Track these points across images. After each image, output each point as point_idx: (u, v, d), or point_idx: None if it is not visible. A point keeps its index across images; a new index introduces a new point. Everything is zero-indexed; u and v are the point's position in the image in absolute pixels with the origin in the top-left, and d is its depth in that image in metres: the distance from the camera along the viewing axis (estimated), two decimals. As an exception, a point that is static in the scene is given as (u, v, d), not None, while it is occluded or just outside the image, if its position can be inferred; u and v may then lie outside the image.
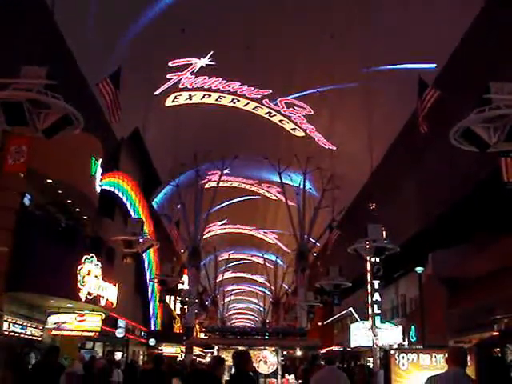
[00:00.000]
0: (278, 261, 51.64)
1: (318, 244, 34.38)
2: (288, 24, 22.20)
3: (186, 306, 31.32)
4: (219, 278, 54.29)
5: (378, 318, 27.78)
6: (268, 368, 14.88)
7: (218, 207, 37.50)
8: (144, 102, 24.09)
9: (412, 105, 13.15)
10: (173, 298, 42.73)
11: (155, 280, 26.00)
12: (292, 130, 30.77)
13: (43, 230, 19.31)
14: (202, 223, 30.80)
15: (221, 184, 33.30)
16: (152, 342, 35.22)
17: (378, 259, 25.74)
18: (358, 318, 35.85)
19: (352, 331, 35.21)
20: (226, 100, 28.19)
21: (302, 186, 31.59)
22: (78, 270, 19.80)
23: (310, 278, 31.28)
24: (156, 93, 25.96)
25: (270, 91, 27.74)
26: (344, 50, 22.83)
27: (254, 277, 66.04)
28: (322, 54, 23.70)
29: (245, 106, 28.74)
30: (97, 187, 22.60)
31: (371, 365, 25.06)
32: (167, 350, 37.19)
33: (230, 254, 55.22)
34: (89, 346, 24.94)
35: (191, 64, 24.88)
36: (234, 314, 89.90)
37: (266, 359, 14.95)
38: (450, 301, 23.93)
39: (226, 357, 14.88)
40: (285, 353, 22.46)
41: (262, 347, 15.31)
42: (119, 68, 11.05)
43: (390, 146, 27.66)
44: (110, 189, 26.42)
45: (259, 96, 28.04)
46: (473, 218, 21.87)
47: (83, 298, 20.06)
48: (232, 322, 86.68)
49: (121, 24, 21.36)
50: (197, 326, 40.77)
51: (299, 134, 30.89)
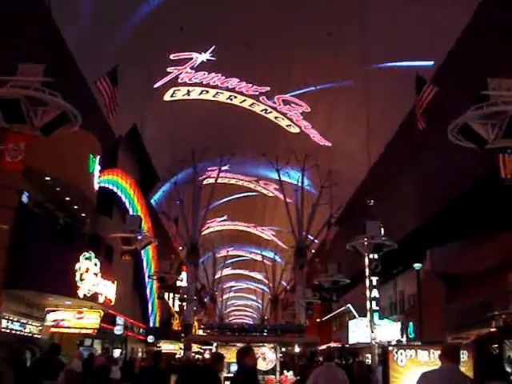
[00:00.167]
0: (277, 258, 51.64)
1: (317, 241, 34.40)
2: (287, 21, 22.17)
3: (184, 303, 31.34)
4: (218, 275, 54.28)
5: (376, 315, 27.89)
6: (267, 365, 14.89)
7: (216, 204, 37.46)
8: (142, 99, 24.05)
9: (410, 101, 13.14)
10: (171, 295, 42.74)
11: (154, 277, 26.08)
12: (287, 126, 30.76)
13: (41, 227, 19.33)
14: (201, 220, 30.79)
15: (219, 181, 33.27)
16: (151, 339, 35.29)
17: (376, 256, 25.82)
18: (356, 314, 35.93)
19: (350, 328, 35.30)
20: (223, 96, 28.16)
21: (300, 183, 31.57)
22: (77, 268, 19.82)
23: (309, 274, 31.27)
24: (155, 85, 25.87)
25: (268, 88, 27.71)
26: (342, 47, 22.82)
27: (253, 274, 66.03)
28: (320, 52, 23.69)
29: (241, 102, 28.70)
30: (95, 184, 22.59)
31: (369, 361, 25.18)
32: (166, 347, 37.27)
33: (228, 251, 55.23)
34: (87, 343, 24.97)
35: (192, 58, 24.82)
36: (233, 310, 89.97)
37: (264, 356, 14.95)
38: (447, 297, 23.99)
39: (224, 353, 14.92)
40: (283, 349, 22.50)
41: (261, 344, 15.31)
42: (117, 65, 11.05)
43: (388, 143, 27.63)
44: (108, 186, 26.44)
45: (257, 93, 28.00)
46: (470, 214, 21.88)
47: (82, 296, 20.09)
48: (230, 318, 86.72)
49: (119, 20, 21.30)
50: (195, 323, 40.80)
51: (294, 130, 30.89)
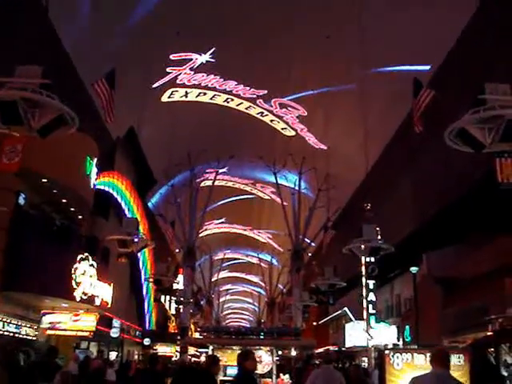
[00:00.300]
0: (273, 261, 51.62)
1: (313, 244, 34.40)
2: (287, 25, 22.22)
3: (180, 306, 31.29)
4: (214, 278, 54.23)
5: (372, 318, 27.89)
6: (263, 368, 14.85)
7: (213, 206, 37.42)
8: (139, 101, 24.04)
9: (407, 105, 13.17)
10: (168, 297, 42.66)
11: (150, 280, 25.99)
12: (283, 129, 30.80)
13: (38, 229, 19.26)
14: (198, 223, 30.77)
15: (216, 183, 33.27)
16: (147, 341, 35.20)
17: (372, 259, 25.88)
18: (352, 317, 35.89)
19: (347, 331, 35.24)
20: (220, 99, 28.17)
21: (297, 186, 31.58)
22: (73, 270, 19.76)
23: (305, 277, 31.26)
24: (154, 85, 25.83)
25: (266, 91, 27.74)
26: (340, 51, 22.85)
27: (249, 277, 66.02)
28: (318, 56, 23.73)
29: (238, 105, 28.73)
30: (92, 187, 22.56)
31: (366, 364, 25.14)
32: (162, 349, 37.18)
33: (225, 254, 55.20)
34: (84, 345, 24.89)
35: (192, 59, 24.81)
36: (229, 313, 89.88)
37: (260, 359, 14.90)
38: (444, 301, 23.97)
39: (220, 356, 14.90)
40: (280, 352, 22.45)
41: (257, 347, 15.28)
42: (114, 68, 11.04)
43: (385, 146, 27.69)
44: (105, 188, 26.38)
45: (254, 96, 28.02)
46: (467, 218, 21.89)
47: (78, 298, 20.03)
48: (227, 321, 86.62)
49: (116, 22, 21.31)
50: (192, 326, 40.73)
51: (290, 133, 30.92)
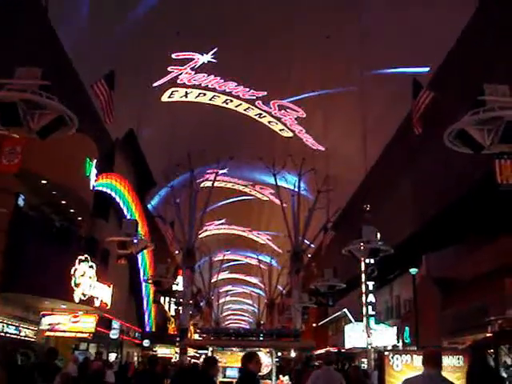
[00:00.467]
0: (273, 262, 51.58)
1: (313, 245, 34.36)
2: (287, 25, 22.21)
3: (180, 307, 31.26)
4: (214, 279, 54.19)
5: (372, 320, 27.87)
6: (262, 369, 14.83)
7: (212, 207, 37.35)
8: (139, 103, 24.03)
9: (407, 106, 13.17)
10: (167, 299, 42.65)
11: (150, 281, 25.97)
12: (280, 130, 30.79)
13: (37, 230, 19.27)
14: (197, 224, 30.72)
15: (215, 184, 33.22)
16: (146, 343, 35.18)
17: (372, 260, 25.81)
18: (352, 319, 35.87)
19: (346, 332, 35.22)
20: (219, 100, 28.15)
21: (296, 187, 31.55)
22: (72, 271, 19.77)
23: (305, 279, 31.22)
24: (155, 84, 25.79)
25: (265, 93, 27.73)
26: (339, 52, 22.86)
27: (249, 278, 65.97)
28: (318, 57, 23.72)
29: (237, 106, 28.71)
30: (91, 188, 22.56)
31: (365, 366, 25.11)
32: (161, 351, 37.17)
33: (224, 255, 55.15)
34: (83, 347, 24.88)
35: (194, 59, 24.77)
36: (229, 315, 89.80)
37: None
38: (443, 302, 23.96)
39: (219, 358, 14.88)
40: (279, 354, 22.43)
41: (257, 348, 15.26)
42: (114, 69, 11.03)
43: (385, 147, 27.69)
44: (105, 190, 26.38)
45: (254, 97, 28.01)
46: (467, 219, 21.90)
47: (77, 299, 20.03)
48: (226, 323, 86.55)
49: (116, 23, 21.29)
50: (191, 328, 40.71)
51: (287, 134, 30.92)
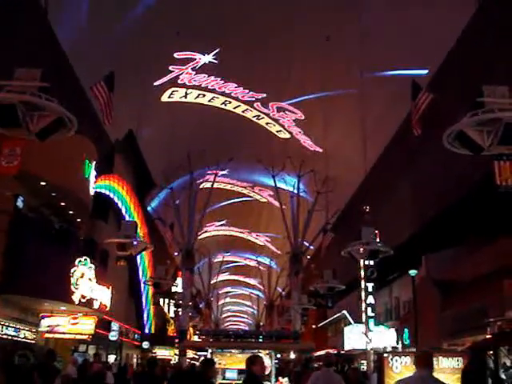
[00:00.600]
0: (272, 264, 51.55)
1: (312, 247, 34.34)
2: (287, 25, 22.21)
3: (179, 309, 31.22)
4: (213, 281, 54.15)
5: (371, 321, 27.86)
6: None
7: (211, 209, 37.32)
8: (138, 104, 24.02)
9: (406, 107, 13.17)
10: (167, 300, 42.65)
11: (149, 283, 25.94)
12: (278, 132, 30.80)
13: (36, 232, 19.25)
14: (196, 225, 30.69)
15: (215, 185, 33.19)
16: (145, 344, 35.14)
17: (371, 262, 25.85)
18: (351, 320, 35.85)
19: (346, 334, 35.19)
20: (218, 101, 28.13)
21: (295, 188, 31.52)
22: (72, 273, 19.75)
23: (304, 280, 31.20)
24: (155, 83, 25.75)
25: (265, 95, 27.72)
26: (339, 54, 22.86)
27: (248, 280, 65.94)
28: (318, 57, 23.71)
29: (235, 108, 28.69)
30: (90, 190, 22.55)
31: (365, 368, 25.11)
32: (161, 352, 37.14)
33: (223, 257, 55.11)
34: (82, 348, 24.85)
35: (195, 59, 24.72)
36: (228, 316, 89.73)
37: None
38: (443, 303, 23.95)
39: (219, 360, 14.86)
40: (279, 356, 22.41)
41: (256, 350, 15.25)
42: (113, 71, 11.03)
43: (384, 149, 27.69)
44: (104, 191, 26.36)
45: (253, 99, 27.99)
46: (467, 221, 21.90)
47: (76, 301, 20.00)
48: (226, 324, 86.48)
49: (115, 24, 21.27)
50: (191, 329, 40.70)
51: (284, 135, 30.92)
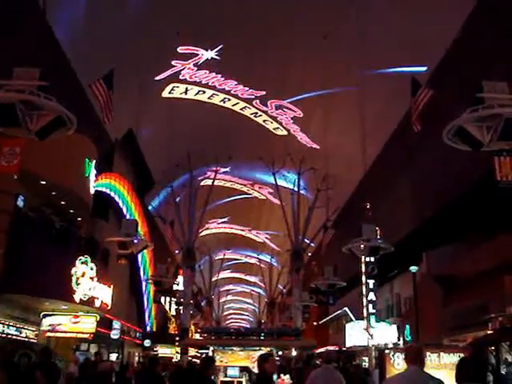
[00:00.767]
0: (273, 261, 51.60)
1: (313, 244, 34.37)
2: (287, 25, 22.17)
3: (181, 307, 31.26)
4: (214, 279, 54.19)
5: (373, 318, 27.90)
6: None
7: (212, 206, 37.34)
8: (138, 103, 23.99)
9: (405, 104, 13.15)
10: (168, 298, 42.67)
11: (150, 281, 25.98)
12: (275, 129, 30.79)
13: (37, 231, 19.27)
14: (197, 223, 30.71)
15: (215, 183, 33.21)
16: (147, 343, 35.20)
17: (372, 259, 25.88)
18: (353, 317, 35.90)
19: (347, 331, 35.25)
20: (217, 99, 28.06)
21: (295, 186, 31.54)
22: (73, 272, 19.77)
23: (305, 277, 31.21)
24: (157, 78, 25.68)
25: (264, 92, 27.69)
26: (337, 51, 22.82)
27: (249, 277, 65.96)
28: (317, 55, 23.67)
29: (234, 105, 28.65)
30: (91, 188, 22.55)
31: (366, 364, 25.15)
32: (162, 351, 37.20)
33: (224, 254, 55.14)
34: (84, 347, 24.88)
35: (198, 54, 24.66)
36: (229, 314, 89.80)
37: (261, 359, 14.88)
38: (444, 300, 23.98)
39: (220, 357, 14.89)
40: (280, 353, 22.44)
41: (257, 348, 15.29)
42: (112, 69, 11.02)
43: (383, 146, 27.66)
44: (104, 190, 26.37)
45: (252, 97, 27.96)
46: (467, 217, 21.91)
47: (78, 300, 20.03)
48: (227, 322, 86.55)
49: (115, 22, 21.18)
50: (192, 327, 40.73)
51: (281, 132, 30.92)
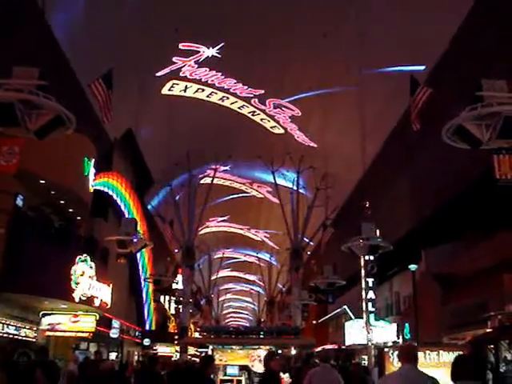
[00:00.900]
0: (272, 260, 51.61)
1: (312, 243, 34.40)
2: (287, 25, 22.15)
3: (180, 306, 31.27)
4: (213, 277, 54.20)
5: (372, 316, 27.95)
6: (263, 367, 14.85)
7: (211, 205, 37.33)
8: (137, 102, 23.97)
9: (404, 103, 13.16)
10: (167, 297, 42.72)
11: (149, 280, 25.98)
12: (272, 128, 30.78)
13: (36, 230, 19.27)
14: (196, 223, 30.71)
15: (214, 181, 33.19)
16: (147, 342, 35.23)
17: (371, 257, 25.91)
18: (352, 316, 35.94)
19: (347, 329, 35.29)
20: (216, 97, 28.01)
21: (295, 185, 31.54)
22: (72, 271, 19.77)
23: (304, 276, 31.24)
24: (158, 74, 25.63)
25: (263, 91, 27.66)
26: (337, 50, 22.80)
27: (248, 276, 65.97)
28: (317, 55, 23.66)
29: (232, 104, 28.62)
30: (90, 187, 22.55)
31: (366, 362, 25.17)
32: (162, 349, 37.23)
33: (223, 253, 55.16)
34: (83, 346, 24.90)
35: (199, 52, 24.60)
36: (229, 313, 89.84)
37: (260, 358, 14.94)
38: (443, 298, 24.03)
39: (220, 356, 14.92)
40: (279, 352, 22.44)
41: (257, 346, 15.32)
42: (111, 68, 11.01)
43: (382, 144, 27.66)
44: (104, 189, 26.37)
45: (251, 95, 27.93)
46: (466, 215, 21.94)
47: (77, 299, 20.03)
48: (227, 321, 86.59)
49: (114, 20, 21.12)
50: (191, 326, 40.75)
51: (278, 131, 30.91)
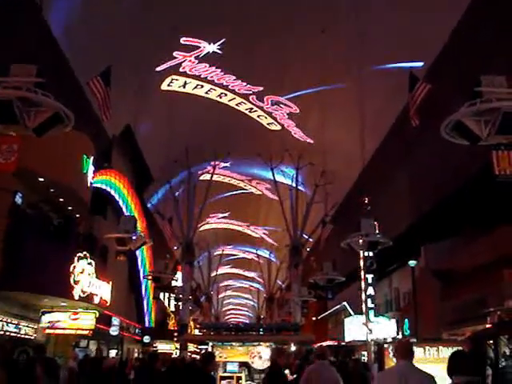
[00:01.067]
0: (272, 256, 51.64)
1: (311, 239, 34.40)
2: (286, 24, 22.11)
3: (180, 303, 31.28)
4: (213, 274, 54.23)
5: (371, 312, 27.94)
6: (263, 363, 14.86)
7: (210, 202, 37.32)
8: (135, 99, 23.93)
9: (403, 99, 13.15)
10: (167, 294, 42.71)
11: (149, 277, 25.98)
12: (268, 124, 30.76)
13: (35, 228, 19.26)
14: (195, 220, 30.69)
15: (214, 178, 33.17)
16: (146, 339, 35.26)
17: (371, 253, 25.90)
18: (351, 312, 35.98)
19: (346, 325, 35.32)
20: (214, 94, 27.98)
21: (294, 181, 31.51)
22: (71, 269, 19.77)
23: (304, 273, 31.24)
24: (158, 69, 25.57)
25: (261, 88, 27.63)
26: (336, 47, 22.77)
27: (248, 273, 66.03)
28: (316, 52, 23.62)
29: (230, 101, 28.58)
30: (89, 185, 22.54)
31: (366, 359, 25.19)
32: (162, 347, 37.26)
33: (223, 250, 55.19)
34: (83, 344, 24.90)
35: (200, 47, 24.54)
36: (229, 309, 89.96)
37: (260, 355, 14.96)
38: (442, 294, 24.04)
39: (220, 353, 14.93)
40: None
41: (257, 343, 15.33)
42: (110, 66, 11.01)
43: (381, 141, 27.66)
44: (103, 186, 26.35)
45: (250, 92, 27.90)
46: (465, 211, 21.96)
47: (77, 297, 20.04)
48: (226, 317, 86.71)
49: (113, 19, 21.09)
50: (191, 323, 40.77)
51: (275, 127, 30.90)
